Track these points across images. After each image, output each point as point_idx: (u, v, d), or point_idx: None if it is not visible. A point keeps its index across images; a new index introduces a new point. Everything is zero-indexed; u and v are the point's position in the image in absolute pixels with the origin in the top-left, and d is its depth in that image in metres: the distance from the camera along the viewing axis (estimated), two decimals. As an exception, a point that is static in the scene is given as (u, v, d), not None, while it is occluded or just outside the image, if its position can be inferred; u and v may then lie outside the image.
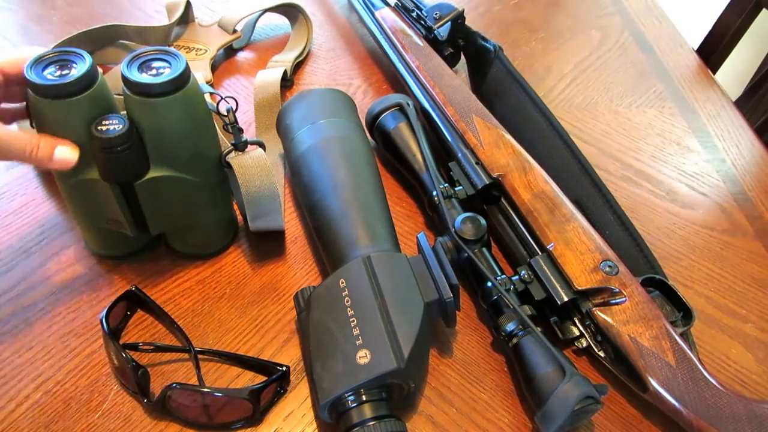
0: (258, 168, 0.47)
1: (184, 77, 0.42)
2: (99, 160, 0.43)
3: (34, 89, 0.40)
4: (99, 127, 0.41)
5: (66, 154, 0.42)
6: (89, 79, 0.41)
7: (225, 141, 0.50)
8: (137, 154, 0.43)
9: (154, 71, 0.42)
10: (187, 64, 0.43)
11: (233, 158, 0.47)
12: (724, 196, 0.61)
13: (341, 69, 0.74)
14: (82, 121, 0.41)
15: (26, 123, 0.44)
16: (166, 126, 0.43)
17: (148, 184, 0.44)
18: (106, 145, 0.41)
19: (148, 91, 0.41)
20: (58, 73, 0.41)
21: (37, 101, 0.41)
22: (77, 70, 0.41)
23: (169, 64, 0.43)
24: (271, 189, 0.48)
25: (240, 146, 0.47)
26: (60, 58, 0.41)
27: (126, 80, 0.42)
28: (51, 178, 0.45)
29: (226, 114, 0.46)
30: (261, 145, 0.49)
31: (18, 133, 0.41)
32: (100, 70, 0.43)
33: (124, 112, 0.43)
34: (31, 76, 0.40)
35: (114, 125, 0.41)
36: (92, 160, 0.43)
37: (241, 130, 0.47)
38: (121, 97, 0.43)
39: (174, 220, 0.48)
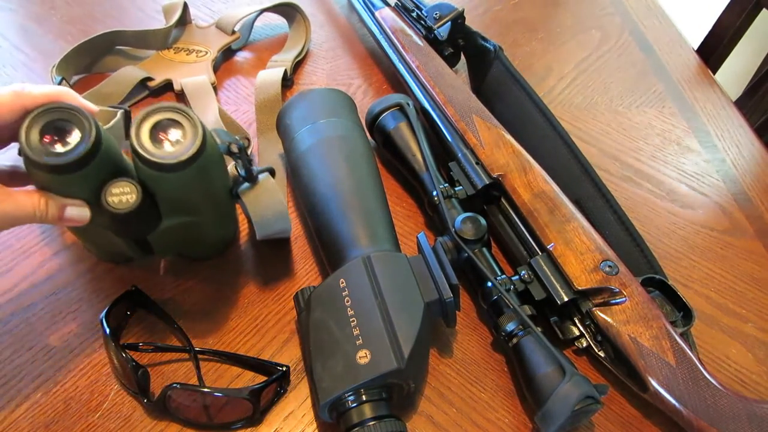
0: (270, 200, 0.45)
1: (202, 148, 0.38)
2: (110, 225, 0.40)
3: (33, 165, 0.36)
4: (110, 198, 0.37)
5: (77, 214, 0.39)
6: (94, 149, 0.36)
7: (233, 169, 0.49)
8: (151, 216, 0.41)
9: (167, 141, 0.37)
10: (204, 132, 0.38)
11: (244, 192, 0.45)
12: (724, 196, 0.61)
13: (341, 69, 0.74)
14: (89, 189, 0.38)
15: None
16: (181, 194, 0.40)
17: (161, 233, 0.43)
18: (118, 218, 0.38)
19: (164, 168, 0.37)
20: (58, 145, 0.36)
21: (36, 173, 0.37)
22: (78, 138, 0.36)
23: (183, 127, 0.38)
24: (282, 214, 0.46)
25: (251, 180, 0.45)
26: (55, 118, 0.36)
27: (138, 155, 0.37)
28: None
29: (238, 153, 0.43)
30: (271, 171, 0.47)
31: (21, 197, 0.37)
32: (103, 128, 0.38)
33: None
34: (28, 153, 0.35)
35: (126, 195, 0.38)
36: (99, 216, 0.40)
37: (251, 162, 0.44)
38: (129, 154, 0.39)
39: (182, 246, 0.48)
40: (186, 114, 0.38)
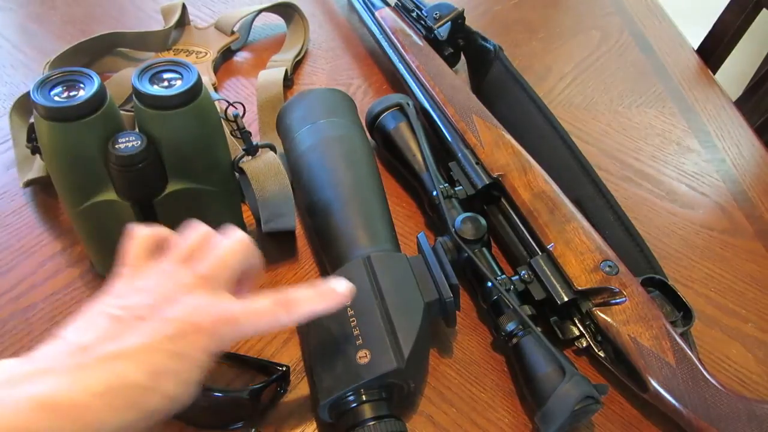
0: (271, 171, 0.47)
1: (197, 87, 0.42)
2: (118, 179, 0.42)
3: (42, 112, 0.39)
4: (116, 146, 0.40)
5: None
6: (100, 98, 0.40)
7: (235, 146, 0.50)
8: (156, 169, 0.42)
9: (165, 83, 0.42)
10: (198, 74, 0.42)
11: (246, 163, 0.47)
12: (724, 196, 0.61)
13: (341, 69, 0.74)
14: (95, 142, 0.40)
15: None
16: (182, 138, 0.42)
17: (167, 199, 0.44)
18: (127, 162, 0.40)
19: (163, 103, 0.41)
20: (66, 94, 0.40)
21: (45, 125, 0.39)
22: (86, 90, 0.40)
23: (180, 75, 0.42)
24: (284, 191, 0.47)
25: (251, 151, 0.47)
26: (66, 78, 0.40)
27: (139, 94, 0.41)
28: (49, 180, 0.45)
29: (234, 120, 0.46)
30: (272, 147, 0.49)
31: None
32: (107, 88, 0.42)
33: (135, 129, 0.42)
34: (39, 99, 0.39)
35: (131, 142, 0.41)
36: (106, 181, 0.42)
37: (250, 134, 0.47)
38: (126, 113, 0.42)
39: None
40: (181, 63, 0.42)
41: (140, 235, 0.37)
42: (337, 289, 0.37)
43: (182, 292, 0.33)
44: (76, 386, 0.29)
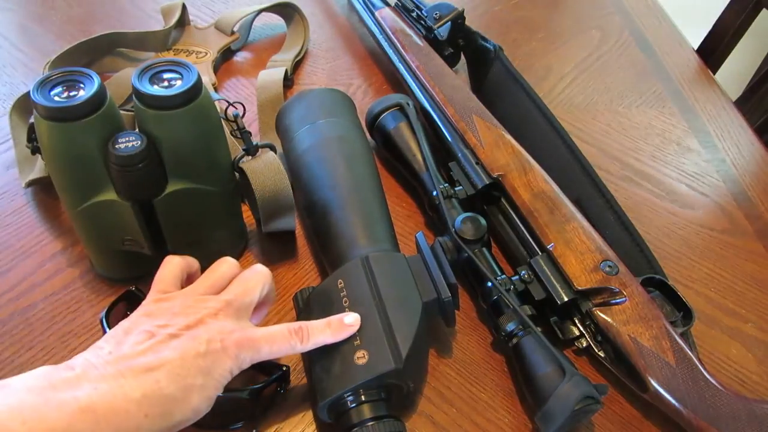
0: (271, 171, 0.47)
1: (197, 87, 0.42)
2: (118, 179, 0.42)
3: (42, 112, 0.39)
4: (116, 146, 0.40)
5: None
6: (100, 98, 0.40)
7: (235, 146, 0.50)
8: (156, 169, 0.42)
9: (165, 83, 0.42)
10: (198, 74, 0.42)
11: (246, 163, 0.47)
12: (724, 196, 0.61)
13: (341, 69, 0.74)
14: (95, 142, 0.40)
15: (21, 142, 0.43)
16: (182, 137, 0.42)
17: (167, 199, 0.44)
18: (127, 162, 0.40)
19: (163, 103, 0.41)
20: (66, 94, 0.40)
21: (45, 125, 0.39)
22: (86, 90, 0.40)
23: (180, 75, 0.42)
24: (284, 191, 0.47)
25: (251, 151, 0.47)
26: (66, 78, 0.40)
27: (139, 94, 0.41)
28: (50, 180, 0.45)
29: (234, 120, 0.46)
30: (271, 147, 0.49)
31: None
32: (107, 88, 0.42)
33: (135, 129, 0.42)
34: (39, 99, 0.39)
35: (131, 142, 0.41)
36: (106, 181, 0.42)
37: (250, 134, 0.47)
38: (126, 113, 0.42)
39: (191, 235, 0.48)
40: (181, 63, 0.42)
41: (174, 262, 0.41)
42: (346, 322, 0.40)
43: (210, 315, 0.37)
44: (115, 393, 0.31)
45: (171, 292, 0.39)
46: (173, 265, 0.41)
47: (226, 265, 0.42)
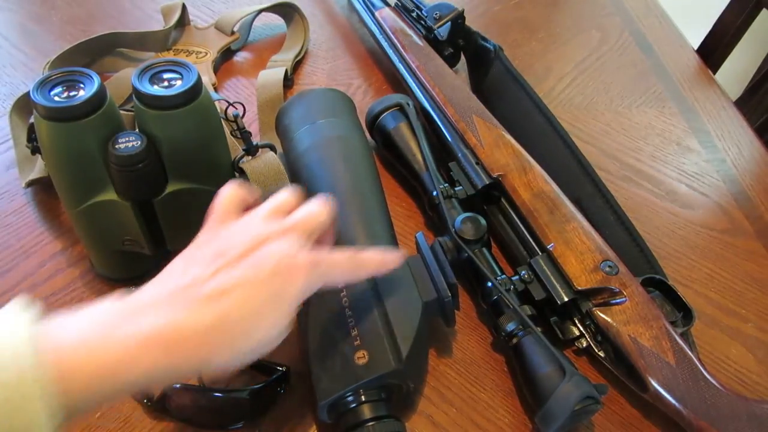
0: (271, 171, 0.47)
1: (197, 87, 0.42)
2: (118, 179, 0.42)
3: (42, 112, 0.39)
4: (116, 146, 0.40)
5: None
6: (100, 98, 0.40)
7: (235, 146, 0.50)
8: (156, 169, 0.43)
9: (165, 83, 0.42)
10: (198, 74, 0.42)
11: (246, 163, 0.47)
12: (724, 196, 0.61)
13: (341, 69, 0.74)
14: (95, 142, 0.40)
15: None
16: (182, 137, 0.42)
17: (167, 199, 0.44)
18: (127, 162, 0.40)
19: (163, 103, 0.41)
20: (66, 94, 0.40)
21: (45, 125, 0.39)
22: (86, 90, 0.40)
23: (180, 75, 0.42)
24: (284, 185, 0.47)
25: (251, 151, 0.47)
26: (66, 78, 0.40)
27: (139, 94, 0.41)
28: (50, 180, 0.45)
29: (234, 120, 0.46)
30: (272, 147, 0.49)
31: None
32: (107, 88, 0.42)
33: (135, 129, 0.42)
34: (39, 99, 0.39)
35: (131, 142, 0.41)
36: (106, 182, 0.42)
37: (250, 134, 0.47)
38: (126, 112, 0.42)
39: (192, 236, 0.48)
40: (180, 63, 0.42)
41: (233, 190, 0.38)
42: (395, 256, 0.39)
43: (273, 237, 0.34)
44: (185, 321, 0.30)
45: (230, 219, 0.37)
46: (232, 193, 0.38)
47: (288, 192, 0.39)
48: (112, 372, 0.28)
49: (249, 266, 0.33)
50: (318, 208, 0.38)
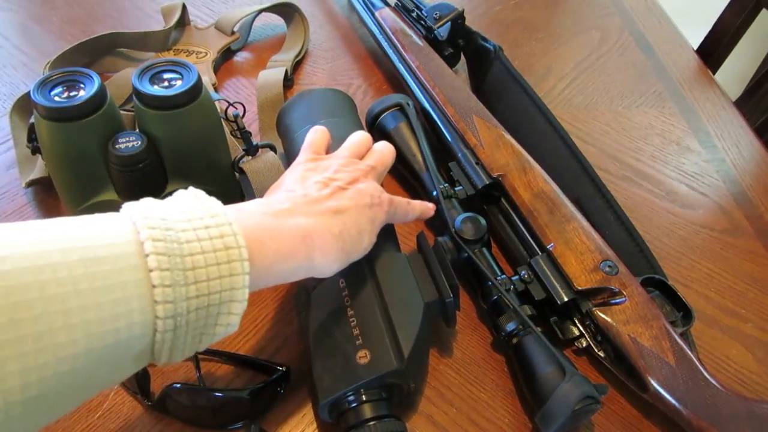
0: (271, 171, 0.47)
1: (198, 87, 0.42)
2: (118, 179, 0.42)
3: (43, 112, 0.39)
4: (116, 146, 0.41)
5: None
6: (100, 98, 0.40)
7: (235, 146, 0.50)
8: (156, 169, 0.43)
9: (165, 83, 0.42)
10: (198, 74, 0.42)
11: (246, 163, 0.47)
12: (724, 196, 0.61)
13: (341, 69, 0.74)
14: (95, 142, 0.41)
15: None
16: (182, 137, 0.42)
17: None
18: (127, 162, 0.41)
19: (163, 103, 0.41)
20: (66, 94, 0.40)
21: (45, 125, 0.39)
22: (86, 90, 0.40)
23: (181, 75, 0.42)
24: None
25: (251, 151, 0.47)
26: (66, 78, 0.41)
27: (139, 94, 0.41)
28: (50, 180, 0.45)
29: (234, 120, 0.46)
30: (272, 147, 0.49)
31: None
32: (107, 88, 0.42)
33: (135, 129, 0.43)
34: (39, 99, 0.39)
35: (132, 142, 0.41)
36: (106, 181, 0.42)
37: (250, 134, 0.47)
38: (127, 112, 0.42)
39: None
40: (180, 63, 0.43)
41: (322, 131, 0.47)
42: (433, 206, 0.48)
43: (363, 175, 0.42)
44: (323, 226, 0.37)
45: (323, 154, 0.45)
46: (322, 133, 0.47)
47: (362, 136, 0.47)
48: (286, 256, 0.34)
49: (354, 195, 0.40)
50: (387, 149, 0.47)
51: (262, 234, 0.33)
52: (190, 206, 0.31)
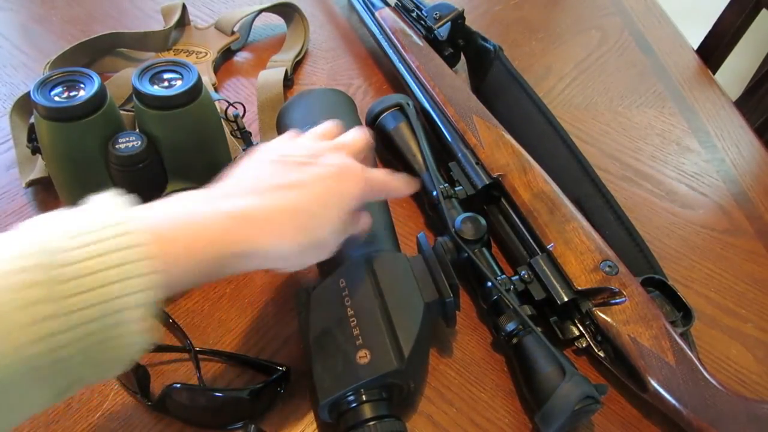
0: None
1: (198, 87, 0.42)
2: (118, 179, 0.42)
3: (43, 112, 0.39)
4: (117, 146, 0.41)
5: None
6: (100, 98, 0.40)
7: (235, 146, 0.50)
8: (156, 169, 0.43)
9: (165, 83, 0.42)
10: (198, 74, 0.42)
11: None
12: (724, 196, 0.61)
13: (341, 69, 0.74)
14: (95, 142, 0.41)
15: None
16: (182, 137, 0.42)
17: None
18: (127, 162, 0.41)
19: (163, 103, 0.41)
20: (66, 94, 0.40)
21: (45, 125, 0.40)
22: (86, 90, 0.40)
23: (181, 75, 0.42)
24: None
25: (249, 146, 0.47)
26: (66, 78, 0.41)
27: (139, 94, 0.41)
28: (50, 180, 0.45)
29: (234, 120, 0.46)
30: None
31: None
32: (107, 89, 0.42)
33: (135, 129, 0.43)
34: (39, 99, 0.39)
35: (131, 142, 0.41)
36: (106, 181, 0.43)
37: (250, 134, 0.47)
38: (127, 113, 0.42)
39: None
40: (180, 63, 0.43)
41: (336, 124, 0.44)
42: (417, 182, 0.46)
43: (331, 151, 0.40)
44: (264, 204, 0.34)
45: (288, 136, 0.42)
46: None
47: (332, 122, 0.44)
48: (207, 244, 0.32)
49: (315, 169, 0.37)
50: (359, 134, 0.43)
51: (192, 218, 0.32)
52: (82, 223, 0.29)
